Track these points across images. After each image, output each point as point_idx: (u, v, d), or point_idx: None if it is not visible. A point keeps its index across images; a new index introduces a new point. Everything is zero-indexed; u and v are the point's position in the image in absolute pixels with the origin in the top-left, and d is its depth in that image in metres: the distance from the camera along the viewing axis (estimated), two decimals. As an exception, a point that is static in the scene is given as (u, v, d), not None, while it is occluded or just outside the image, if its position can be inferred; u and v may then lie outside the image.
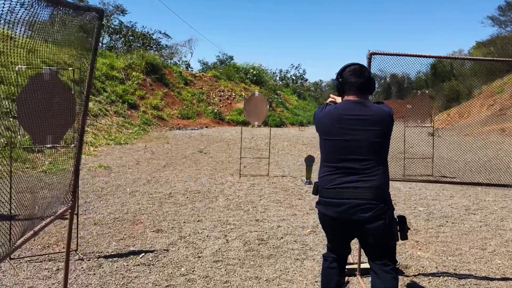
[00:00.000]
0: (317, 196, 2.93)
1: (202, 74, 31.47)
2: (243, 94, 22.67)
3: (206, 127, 23.05)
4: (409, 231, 3.02)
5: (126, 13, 36.17)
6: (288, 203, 6.99)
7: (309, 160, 8.74)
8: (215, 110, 26.09)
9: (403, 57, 4.18)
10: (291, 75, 47.94)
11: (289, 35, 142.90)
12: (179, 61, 37.50)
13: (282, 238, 5.19)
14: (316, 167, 10.30)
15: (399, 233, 2.85)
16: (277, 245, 4.94)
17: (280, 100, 33.32)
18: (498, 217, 6.40)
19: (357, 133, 2.79)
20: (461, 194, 7.97)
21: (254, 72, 35.13)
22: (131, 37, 33.43)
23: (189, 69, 34.78)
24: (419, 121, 9.72)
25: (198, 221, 5.83)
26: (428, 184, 8.55)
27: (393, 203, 2.89)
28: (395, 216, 2.86)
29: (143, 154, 12.16)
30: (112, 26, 33.27)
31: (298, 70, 48.74)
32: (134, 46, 31.87)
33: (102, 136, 14.92)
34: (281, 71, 48.84)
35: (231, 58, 39.79)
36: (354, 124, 2.80)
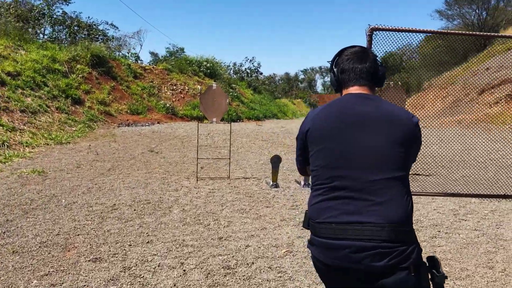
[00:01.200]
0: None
1: (153, 67, 29.84)
2: (199, 87, 21.41)
3: (158, 122, 21.68)
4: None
5: (70, 3, 33.87)
6: (255, 213, 6.00)
7: (275, 161, 7.78)
8: (167, 105, 24.65)
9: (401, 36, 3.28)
10: (245, 68, 46.92)
11: (243, 27, 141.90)
12: (127, 53, 35.52)
13: (253, 263, 4.19)
14: (288, 166, 9.48)
15: (431, 283, 1.87)
16: (248, 274, 3.93)
17: (235, 94, 32.25)
18: (493, 223, 5.68)
19: (363, 139, 1.90)
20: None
21: (208, 64, 33.81)
22: (76, 28, 31.30)
23: (139, 61, 32.97)
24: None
25: (148, 242, 4.74)
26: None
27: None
28: (424, 260, 1.89)
29: (86, 155, 10.81)
30: (55, 16, 31.02)
31: (252, 63, 47.78)
32: (79, 38, 29.84)
33: (41, 135, 13.38)
34: (235, 64, 47.78)
35: (182, 50, 38.27)
36: (359, 126, 1.92)
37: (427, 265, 1.89)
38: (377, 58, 2.13)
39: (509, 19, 38.53)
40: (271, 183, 7.77)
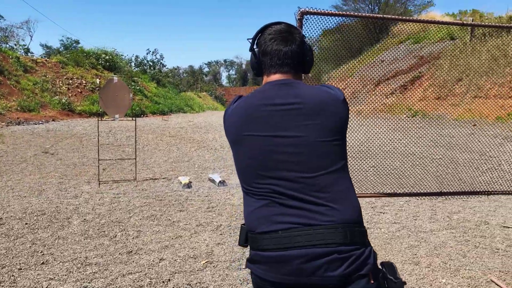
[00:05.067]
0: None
1: (46, 60, 27.51)
2: (98, 80, 19.98)
3: (53, 120, 19.98)
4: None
5: None
6: (168, 219, 5.47)
7: None
8: (63, 100, 22.83)
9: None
10: (148, 61, 45.20)
11: (144, 18, 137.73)
12: (15, 45, 32.60)
13: (169, 280, 3.69)
14: (200, 164, 8.94)
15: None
16: (164, 295, 3.43)
17: (138, 88, 30.86)
18: (410, 214, 5.70)
19: (291, 133, 1.59)
20: (356, 186, 7.24)
21: (107, 57, 31.96)
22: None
23: (29, 54, 30.32)
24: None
25: (43, 263, 4.03)
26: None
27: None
28: (379, 265, 1.59)
29: (-34, 160, 9.44)
30: None
31: (155, 56, 46.19)
32: (-44, 27, 26.67)
33: None
34: (137, 56, 45.86)
35: (77, 42, 35.83)
36: (281, 118, 1.61)
37: (383, 271, 1.58)
38: (305, 39, 1.79)
39: (398, 14, 41.15)
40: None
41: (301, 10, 2.63)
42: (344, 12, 3.50)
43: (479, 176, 7.25)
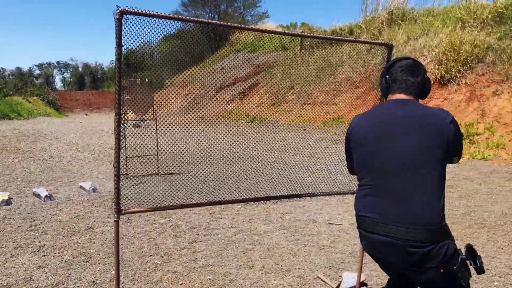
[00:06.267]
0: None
1: None
2: None
3: None
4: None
5: None
6: (-22, 243, 4.72)
7: None
8: None
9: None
10: (-37, 61, 39.65)
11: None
12: None
13: (-26, 317, 3.14)
14: (23, 177, 7.87)
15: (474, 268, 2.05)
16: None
17: (-50, 91, 26.79)
18: (246, 218, 5.81)
19: (395, 143, 2.05)
20: (195, 193, 7.19)
21: None
22: None
23: None
24: (141, 113, 8.50)
25: None
26: (146, 181, 7.45)
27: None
28: (461, 250, 2.05)
29: None
30: None
31: (-28, 55, 40.73)
32: None
33: None
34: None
35: None
36: (393, 130, 2.09)
37: (464, 256, 2.00)
38: (426, 72, 2.26)
39: (237, 23, 42.92)
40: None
41: (120, 9, 2.43)
42: (168, 15, 3.34)
43: (308, 176, 7.79)
